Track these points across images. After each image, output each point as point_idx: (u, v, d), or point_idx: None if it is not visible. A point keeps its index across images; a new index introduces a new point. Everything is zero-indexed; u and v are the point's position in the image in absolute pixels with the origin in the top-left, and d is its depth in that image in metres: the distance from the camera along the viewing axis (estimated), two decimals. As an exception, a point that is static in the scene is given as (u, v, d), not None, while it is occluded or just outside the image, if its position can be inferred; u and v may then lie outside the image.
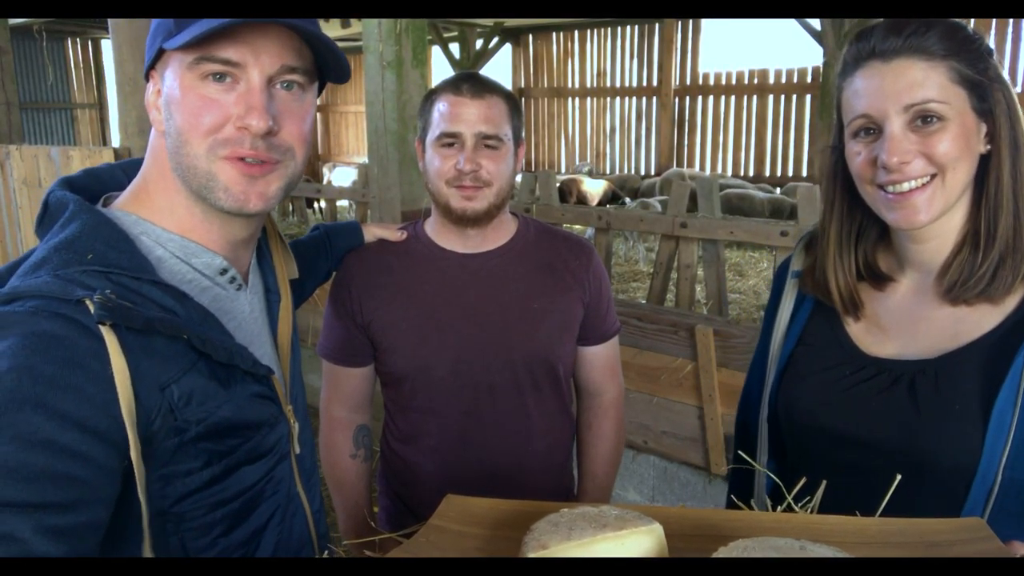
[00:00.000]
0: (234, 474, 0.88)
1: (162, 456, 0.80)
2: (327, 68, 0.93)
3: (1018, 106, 0.96)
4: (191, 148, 0.85)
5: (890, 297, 1.08)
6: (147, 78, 0.89)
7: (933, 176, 0.94)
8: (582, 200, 10.04)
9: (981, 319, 0.98)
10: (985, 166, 0.97)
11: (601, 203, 10.24)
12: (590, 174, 11.69)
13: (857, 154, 0.99)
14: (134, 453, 0.75)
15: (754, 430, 1.22)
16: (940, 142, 0.92)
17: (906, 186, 0.95)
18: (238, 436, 0.88)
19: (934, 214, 0.95)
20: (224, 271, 0.92)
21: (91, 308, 0.73)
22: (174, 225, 0.88)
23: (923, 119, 0.93)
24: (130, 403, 0.74)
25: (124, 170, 0.97)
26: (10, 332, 0.70)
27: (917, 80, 0.93)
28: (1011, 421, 0.91)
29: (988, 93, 0.95)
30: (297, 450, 1.01)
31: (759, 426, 1.19)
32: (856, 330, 1.09)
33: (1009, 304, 0.97)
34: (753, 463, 0.97)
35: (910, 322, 1.05)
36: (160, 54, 0.86)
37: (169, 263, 0.87)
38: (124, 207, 0.89)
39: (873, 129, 0.96)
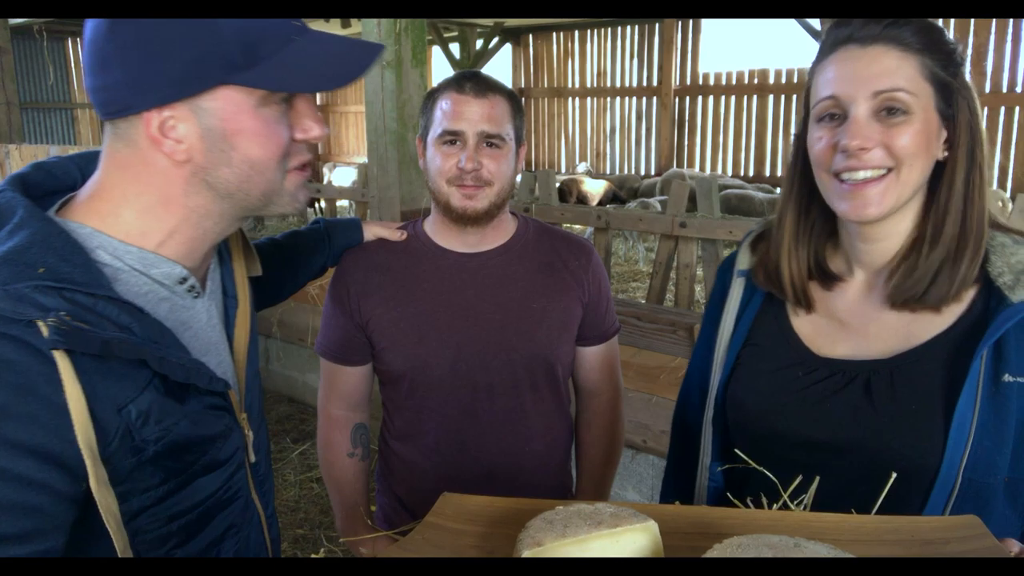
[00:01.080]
0: (189, 486, 0.86)
1: (118, 476, 0.77)
2: None
3: (980, 119, 0.96)
4: (268, 175, 0.85)
5: (839, 297, 1.07)
6: (147, 108, 0.80)
7: (889, 170, 0.94)
8: (582, 200, 10.04)
9: (933, 320, 0.98)
10: (938, 173, 0.97)
11: (601, 203, 10.24)
12: (588, 175, 11.69)
13: (819, 139, 0.98)
14: (94, 482, 0.72)
15: (695, 431, 1.21)
16: (902, 135, 0.92)
17: (861, 175, 0.94)
18: (194, 451, 0.86)
19: (885, 209, 0.95)
20: (183, 280, 0.89)
21: (44, 331, 0.70)
22: (136, 238, 0.84)
23: (888, 110, 0.93)
24: (87, 430, 0.72)
25: (78, 164, 0.93)
26: None
27: (890, 68, 0.92)
28: (971, 423, 0.91)
29: (954, 98, 0.95)
30: (252, 459, 1.00)
31: (703, 427, 1.17)
32: (806, 331, 1.08)
33: (960, 306, 0.97)
34: (749, 461, 0.96)
35: (861, 323, 1.04)
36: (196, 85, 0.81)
37: (125, 275, 0.83)
38: (78, 217, 0.84)
39: (838, 115, 0.96)
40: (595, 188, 10.69)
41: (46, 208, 0.84)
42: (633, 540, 0.71)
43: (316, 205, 10.24)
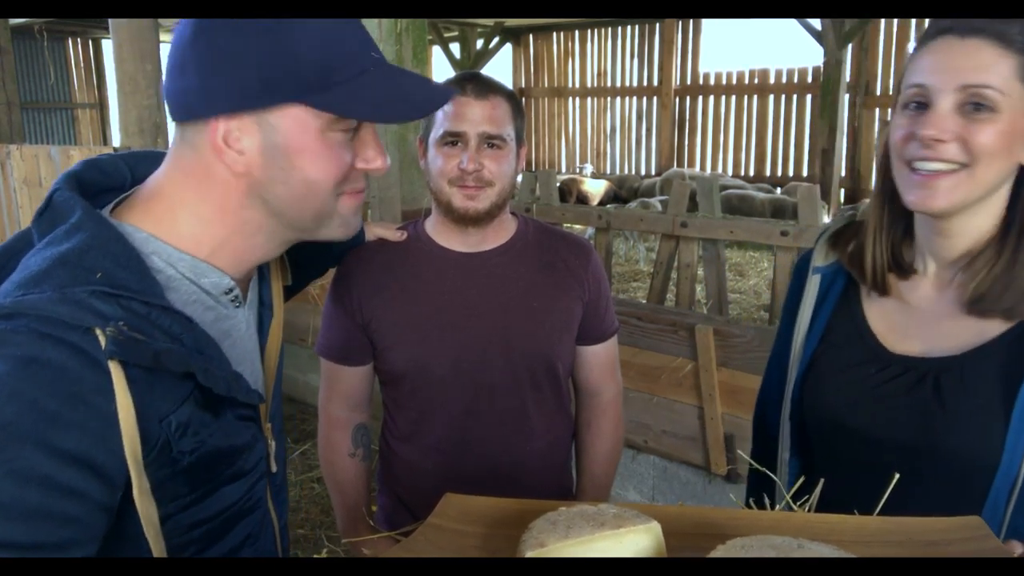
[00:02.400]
0: (214, 494, 0.86)
1: (150, 486, 0.77)
2: None
3: None
4: (323, 196, 0.85)
5: (913, 290, 1.07)
6: (215, 116, 0.80)
7: (963, 166, 0.91)
8: (582, 200, 10.05)
9: (999, 320, 0.98)
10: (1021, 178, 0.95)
11: (601, 203, 10.25)
12: (592, 176, 11.69)
13: (899, 127, 0.97)
14: (137, 492, 0.73)
15: (774, 428, 1.22)
16: (983, 131, 0.90)
17: (933, 166, 0.92)
18: (224, 461, 0.86)
19: (954, 203, 0.93)
20: (229, 290, 0.90)
21: (101, 340, 0.70)
22: (189, 245, 0.85)
23: (975, 105, 0.90)
24: (134, 441, 0.72)
25: (127, 163, 0.93)
26: (11, 355, 0.67)
27: (984, 63, 0.90)
28: None
29: None
30: (273, 469, 1.00)
31: (780, 425, 1.18)
32: (880, 326, 1.08)
33: None
34: (751, 462, 0.97)
35: (933, 319, 1.04)
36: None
37: (177, 284, 0.84)
38: (134, 220, 0.84)
39: (923, 104, 0.94)
40: (595, 188, 10.70)
41: (99, 207, 0.84)
42: (636, 541, 0.71)
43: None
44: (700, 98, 12.33)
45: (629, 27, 12.80)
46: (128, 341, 0.71)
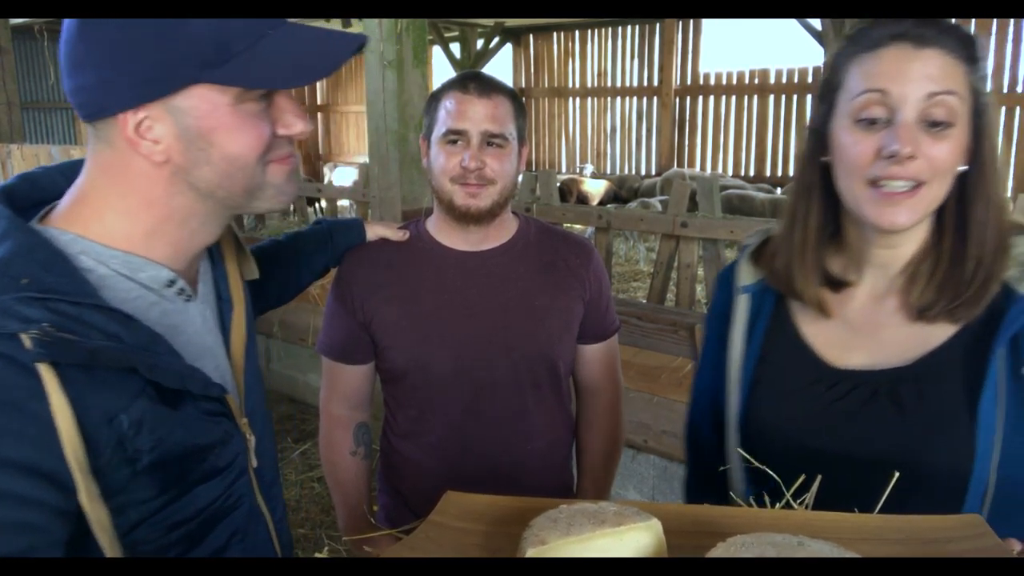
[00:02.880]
0: (188, 495, 0.84)
1: (113, 488, 0.76)
2: None
3: (997, 134, 0.96)
4: (248, 170, 0.83)
5: (848, 302, 1.04)
6: (122, 110, 0.78)
7: (922, 183, 0.90)
8: (582, 200, 10.05)
9: (946, 323, 0.97)
10: (960, 185, 0.95)
11: (602, 203, 10.26)
12: (593, 176, 11.68)
13: (856, 143, 0.92)
14: (85, 497, 0.71)
15: (712, 451, 1.16)
16: (942, 147, 0.89)
17: (900, 185, 0.90)
18: (192, 459, 0.84)
19: (916, 219, 0.92)
20: (171, 283, 0.87)
21: (27, 344, 0.68)
22: (120, 241, 0.83)
23: (933, 123, 0.89)
24: (75, 444, 0.70)
25: (64, 174, 0.91)
26: None
27: (944, 71, 0.89)
28: (996, 421, 0.91)
29: (983, 111, 0.93)
30: (255, 463, 0.98)
31: (728, 455, 1.12)
32: (819, 340, 1.05)
33: None
34: (752, 460, 0.95)
35: (873, 329, 1.01)
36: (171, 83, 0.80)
37: (111, 281, 0.82)
38: (60, 224, 0.82)
39: (880, 118, 0.91)
40: (595, 188, 10.70)
41: (31, 219, 0.83)
42: (637, 539, 0.72)
43: (316, 205, 10.24)
44: (700, 98, 12.32)
45: (629, 27, 12.79)
46: (56, 342, 0.69)
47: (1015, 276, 0.94)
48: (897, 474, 0.87)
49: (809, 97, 11.37)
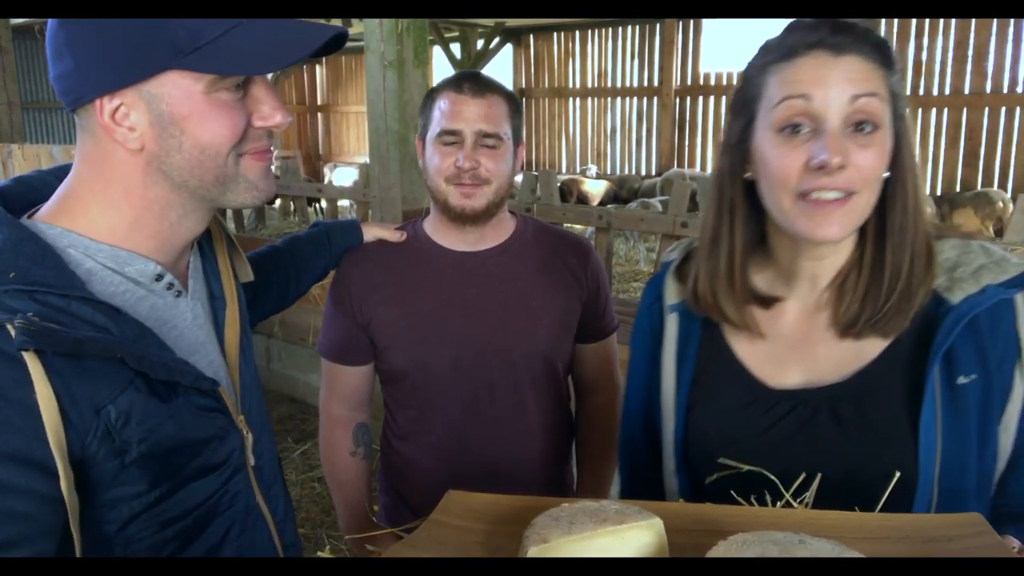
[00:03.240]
0: (182, 490, 0.85)
1: (103, 480, 0.76)
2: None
3: (914, 139, 0.92)
4: (220, 159, 0.83)
5: (778, 319, 1.01)
6: (98, 96, 0.79)
7: (851, 193, 0.87)
8: (583, 200, 10.04)
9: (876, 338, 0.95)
10: (882, 192, 0.92)
11: (602, 203, 10.26)
12: (598, 177, 11.67)
13: (781, 155, 0.88)
14: (64, 484, 0.71)
15: (649, 470, 1.13)
16: (869, 155, 0.86)
17: (831, 195, 0.86)
18: (184, 453, 0.84)
19: (848, 230, 0.89)
20: (159, 277, 0.88)
21: (12, 333, 0.69)
22: (103, 234, 0.84)
23: (857, 125, 0.86)
24: (57, 432, 0.71)
25: (56, 176, 0.92)
26: None
27: (865, 75, 0.86)
28: (935, 434, 0.89)
29: (901, 116, 0.91)
30: (252, 461, 0.98)
31: (665, 478, 1.09)
32: (752, 360, 1.02)
33: None
34: (741, 465, 0.93)
35: (806, 346, 0.99)
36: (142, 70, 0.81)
37: (100, 275, 0.83)
38: (49, 219, 0.83)
39: (802, 127, 0.87)
40: (595, 188, 10.70)
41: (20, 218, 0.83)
42: (638, 537, 0.72)
43: (316, 205, 10.24)
44: (700, 98, 12.31)
45: (629, 27, 12.79)
46: (42, 331, 0.70)
47: (944, 285, 0.92)
48: (898, 473, 0.87)
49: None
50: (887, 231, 0.92)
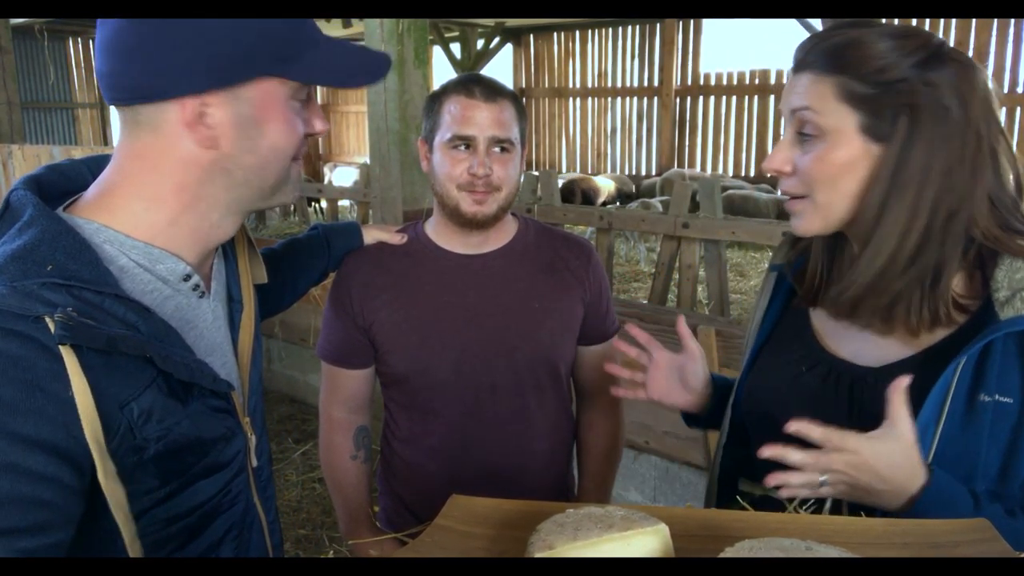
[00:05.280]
0: (190, 488, 0.86)
1: (121, 476, 0.78)
2: None
3: (940, 136, 0.89)
4: (284, 162, 0.89)
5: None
6: (185, 94, 0.81)
7: (804, 196, 0.96)
8: (587, 197, 10.05)
9: (934, 331, 0.95)
10: None
11: (609, 202, 10.31)
12: (615, 181, 11.71)
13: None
14: (103, 475, 0.73)
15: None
16: (809, 159, 0.93)
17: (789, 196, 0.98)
18: (195, 452, 0.86)
19: (813, 229, 0.97)
20: (187, 277, 0.90)
21: (51, 327, 0.71)
22: (138, 231, 0.85)
23: (801, 133, 0.94)
24: (94, 424, 0.73)
25: (89, 167, 0.93)
26: None
27: (806, 90, 0.93)
28: (933, 434, 0.89)
29: (886, 112, 0.89)
30: (254, 463, 1.00)
31: (726, 409, 1.20)
32: (821, 327, 1.08)
33: (962, 317, 0.94)
34: (752, 490, 0.94)
35: (864, 326, 1.02)
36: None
37: (131, 272, 0.84)
38: (86, 214, 0.84)
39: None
40: (604, 185, 10.74)
41: (57, 208, 0.85)
42: (644, 543, 0.71)
43: (315, 205, 10.24)
44: (701, 98, 12.32)
45: (630, 27, 12.79)
46: (79, 326, 0.72)
47: (1001, 299, 0.90)
48: None
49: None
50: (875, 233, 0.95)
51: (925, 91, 0.88)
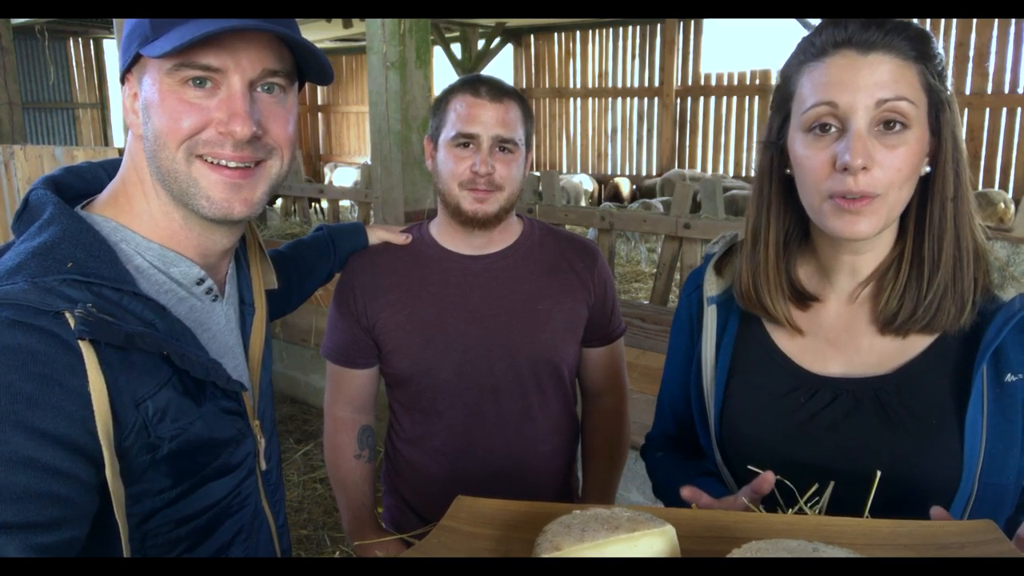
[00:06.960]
0: (200, 489, 0.87)
1: (133, 474, 0.78)
2: (307, 68, 0.91)
3: (961, 128, 0.91)
4: (169, 152, 0.84)
5: (819, 314, 1.01)
6: (122, 81, 0.88)
7: (876, 195, 0.88)
8: (618, 198, 10.44)
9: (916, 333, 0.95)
10: (922, 187, 0.92)
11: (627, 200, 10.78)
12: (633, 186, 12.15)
13: (809, 156, 0.91)
14: (110, 472, 0.73)
15: (686, 453, 1.16)
16: (898, 156, 0.87)
17: (859, 194, 0.87)
18: (207, 453, 0.86)
19: (877, 227, 0.89)
20: (201, 281, 0.90)
21: (71, 322, 0.71)
22: (152, 232, 0.86)
23: (887, 123, 0.87)
24: (107, 421, 0.73)
25: (106, 169, 0.95)
26: None
27: (894, 76, 0.86)
28: (981, 429, 0.89)
29: (943, 109, 0.89)
30: (263, 466, 1.00)
31: (719, 468, 1.09)
32: (793, 350, 1.02)
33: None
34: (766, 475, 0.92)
35: (849, 338, 0.99)
36: (136, 58, 0.84)
37: (147, 273, 0.85)
38: (102, 212, 0.86)
39: (831, 126, 0.89)
40: (627, 188, 11.12)
41: (75, 208, 0.86)
42: (651, 544, 0.71)
43: (316, 205, 10.23)
44: (701, 99, 12.30)
45: (630, 27, 12.78)
46: (98, 322, 0.72)
47: (995, 281, 0.92)
48: (879, 472, 0.86)
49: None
50: (926, 226, 0.93)
51: (952, 98, 0.91)
